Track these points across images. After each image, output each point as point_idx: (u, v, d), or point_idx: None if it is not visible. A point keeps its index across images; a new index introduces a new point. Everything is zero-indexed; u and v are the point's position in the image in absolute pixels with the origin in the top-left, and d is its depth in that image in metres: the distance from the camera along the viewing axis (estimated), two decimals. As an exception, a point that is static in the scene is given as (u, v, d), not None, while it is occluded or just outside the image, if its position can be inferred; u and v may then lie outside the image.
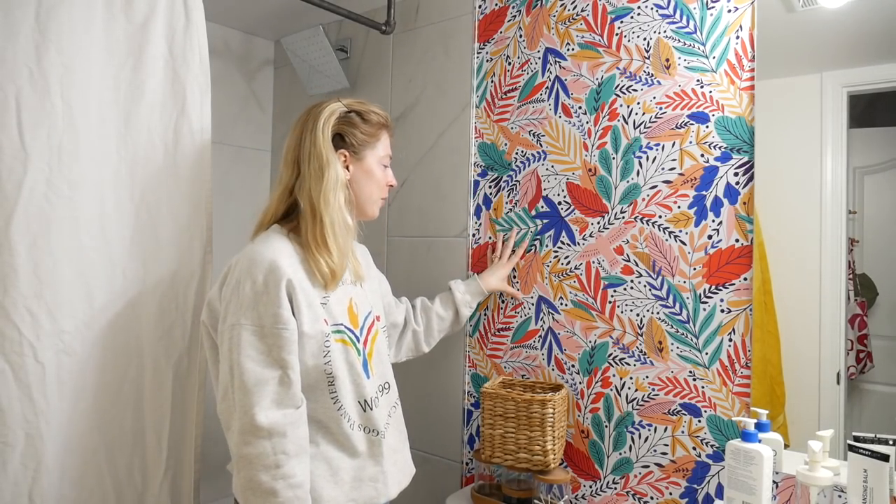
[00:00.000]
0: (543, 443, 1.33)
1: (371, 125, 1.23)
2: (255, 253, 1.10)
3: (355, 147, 1.22)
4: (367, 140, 1.23)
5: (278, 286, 1.07)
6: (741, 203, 1.26)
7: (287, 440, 1.03)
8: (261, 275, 1.08)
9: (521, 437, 1.35)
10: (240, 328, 1.06)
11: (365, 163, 1.23)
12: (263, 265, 1.08)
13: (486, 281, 1.54)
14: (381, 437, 1.19)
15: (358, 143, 1.22)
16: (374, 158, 1.24)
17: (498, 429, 1.37)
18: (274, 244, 1.12)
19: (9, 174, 1.08)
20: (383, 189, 1.28)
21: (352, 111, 1.22)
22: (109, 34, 1.22)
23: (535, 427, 1.33)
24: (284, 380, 1.06)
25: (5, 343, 1.08)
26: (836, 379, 1.15)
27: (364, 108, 1.24)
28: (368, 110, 1.24)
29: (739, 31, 1.27)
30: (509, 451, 1.36)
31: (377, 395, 1.21)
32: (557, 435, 1.37)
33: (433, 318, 1.50)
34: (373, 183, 1.25)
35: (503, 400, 1.36)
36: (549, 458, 1.33)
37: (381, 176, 1.26)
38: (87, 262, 1.17)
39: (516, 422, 1.35)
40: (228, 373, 1.07)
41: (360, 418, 1.17)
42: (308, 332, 1.10)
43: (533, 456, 1.34)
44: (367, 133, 1.23)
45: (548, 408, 1.33)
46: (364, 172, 1.23)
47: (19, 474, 1.09)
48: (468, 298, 1.53)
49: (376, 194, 1.26)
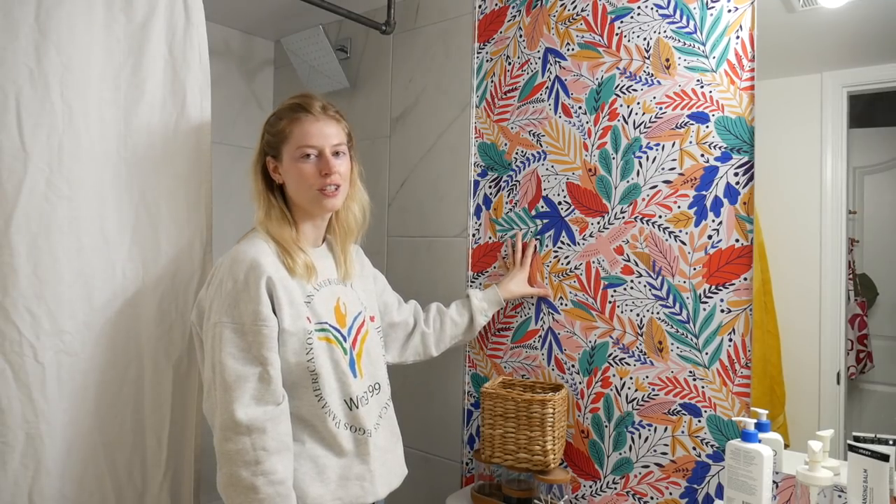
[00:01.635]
0: (543, 443, 1.33)
1: (280, 121, 1.19)
2: (237, 252, 1.13)
3: (272, 151, 1.20)
4: (277, 140, 1.19)
5: (258, 283, 1.08)
6: (741, 203, 1.26)
7: (267, 436, 1.04)
8: (241, 273, 1.09)
9: (521, 437, 1.35)
10: (221, 326, 1.08)
11: (283, 163, 1.19)
12: (244, 263, 1.10)
13: (506, 288, 1.52)
14: (368, 436, 1.19)
15: (272, 145, 1.20)
16: (289, 153, 1.18)
17: (498, 429, 1.37)
18: (256, 244, 1.14)
19: (9, 174, 1.08)
20: (309, 182, 1.17)
21: (273, 113, 1.22)
22: (109, 34, 1.22)
23: (534, 427, 1.33)
24: (264, 376, 1.07)
25: (5, 343, 1.08)
26: (836, 379, 1.15)
27: (283, 104, 1.22)
28: (283, 104, 1.22)
29: (739, 31, 1.27)
30: (509, 451, 1.36)
31: (366, 395, 1.21)
32: (557, 435, 1.37)
33: (447, 322, 1.49)
34: (295, 180, 1.18)
35: (503, 400, 1.36)
36: (549, 458, 1.33)
37: (301, 169, 1.16)
38: (87, 262, 1.17)
39: (516, 422, 1.35)
40: (210, 370, 1.09)
41: (346, 417, 1.17)
42: (289, 329, 1.10)
43: (533, 456, 1.34)
44: (275, 133, 1.19)
45: (548, 408, 1.33)
46: (286, 172, 1.19)
47: (19, 474, 1.09)
48: (485, 306, 1.51)
49: (304, 192, 1.18)
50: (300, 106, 1.18)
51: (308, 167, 1.17)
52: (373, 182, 1.90)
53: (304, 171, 1.17)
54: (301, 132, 1.16)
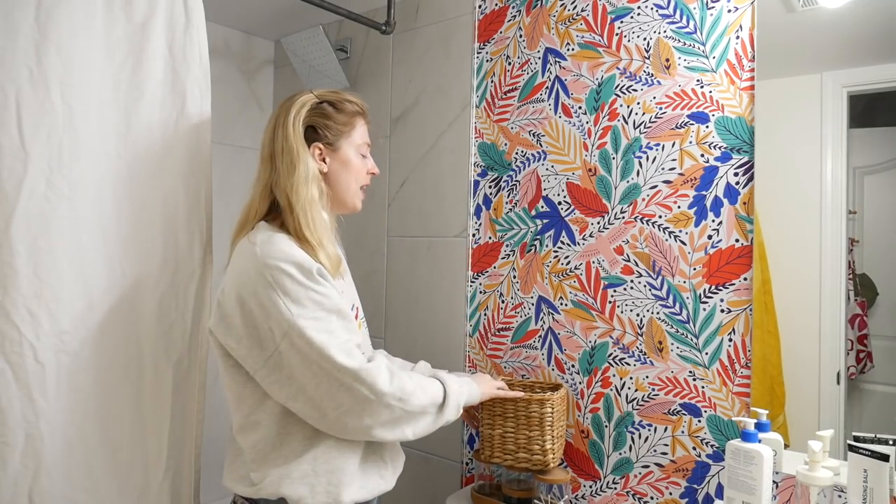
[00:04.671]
0: (543, 442, 1.33)
1: (345, 114, 1.20)
2: (267, 258, 1.05)
3: (329, 138, 1.18)
4: (341, 130, 1.19)
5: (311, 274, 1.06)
6: (741, 203, 1.26)
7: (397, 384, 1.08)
8: (293, 269, 1.04)
9: (521, 437, 1.35)
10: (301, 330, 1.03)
11: (341, 153, 1.19)
12: (290, 263, 1.05)
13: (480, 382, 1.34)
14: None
15: (332, 133, 1.18)
16: (352, 148, 1.21)
17: (497, 429, 1.37)
18: (279, 242, 1.07)
19: (9, 174, 1.08)
20: (362, 178, 1.24)
21: (324, 101, 1.18)
22: (109, 34, 1.22)
23: (533, 427, 1.33)
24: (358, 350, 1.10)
25: (5, 343, 1.07)
26: (836, 379, 1.15)
27: (337, 98, 1.20)
28: (342, 99, 1.20)
29: (739, 31, 1.27)
30: (509, 450, 1.36)
31: None
32: (557, 434, 1.36)
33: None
34: (350, 173, 1.21)
35: (502, 400, 1.36)
36: (549, 457, 1.33)
37: (360, 165, 1.22)
38: (87, 262, 1.17)
39: (515, 422, 1.35)
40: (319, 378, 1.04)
41: None
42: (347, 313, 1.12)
43: (532, 455, 1.34)
44: (341, 123, 1.19)
45: (546, 407, 1.33)
46: (341, 164, 1.20)
47: (19, 474, 1.09)
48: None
49: (354, 185, 1.22)
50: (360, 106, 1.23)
51: (365, 164, 1.25)
52: (373, 182, 1.90)
53: (362, 166, 1.23)
54: (362, 130, 1.24)
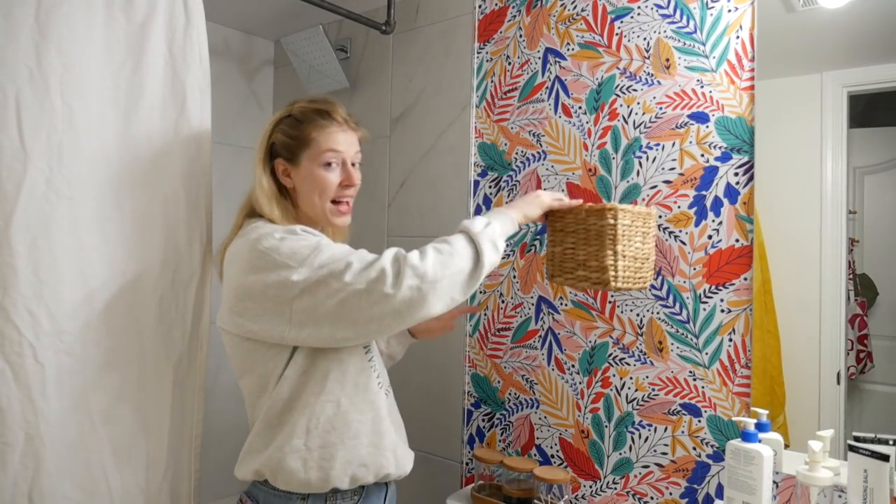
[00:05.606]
0: (602, 258, 1.15)
1: (303, 123, 1.11)
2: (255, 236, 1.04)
3: (286, 154, 1.12)
4: (295, 143, 1.11)
5: (294, 231, 1.03)
6: (741, 203, 1.26)
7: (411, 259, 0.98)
8: (277, 233, 1.02)
9: (580, 253, 1.19)
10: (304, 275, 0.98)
11: (302, 168, 1.11)
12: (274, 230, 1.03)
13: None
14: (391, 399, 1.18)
15: (288, 148, 1.11)
16: (314, 161, 1.10)
17: (557, 246, 1.24)
18: (263, 225, 1.07)
19: (9, 174, 1.08)
20: (330, 192, 1.11)
21: (291, 115, 1.13)
22: (109, 34, 1.22)
23: (592, 241, 1.17)
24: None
25: (5, 343, 1.07)
26: (837, 379, 1.15)
27: (300, 107, 1.13)
28: (304, 108, 1.13)
29: (739, 31, 1.27)
30: (567, 268, 1.23)
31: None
32: (628, 254, 1.17)
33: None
34: (313, 189, 1.11)
35: (562, 213, 1.22)
36: (609, 274, 1.15)
37: (324, 178, 1.10)
38: (87, 262, 1.17)
39: (575, 236, 1.20)
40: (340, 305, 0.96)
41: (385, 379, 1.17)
42: None
43: (591, 273, 1.18)
44: (295, 135, 1.11)
45: (607, 219, 1.14)
46: (302, 178, 1.11)
47: (19, 474, 1.09)
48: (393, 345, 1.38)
49: (318, 200, 1.11)
50: (326, 113, 1.12)
51: (330, 175, 1.11)
52: (372, 182, 1.90)
53: (326, 179, 1.10)
54: (326, 138, 1.11)
